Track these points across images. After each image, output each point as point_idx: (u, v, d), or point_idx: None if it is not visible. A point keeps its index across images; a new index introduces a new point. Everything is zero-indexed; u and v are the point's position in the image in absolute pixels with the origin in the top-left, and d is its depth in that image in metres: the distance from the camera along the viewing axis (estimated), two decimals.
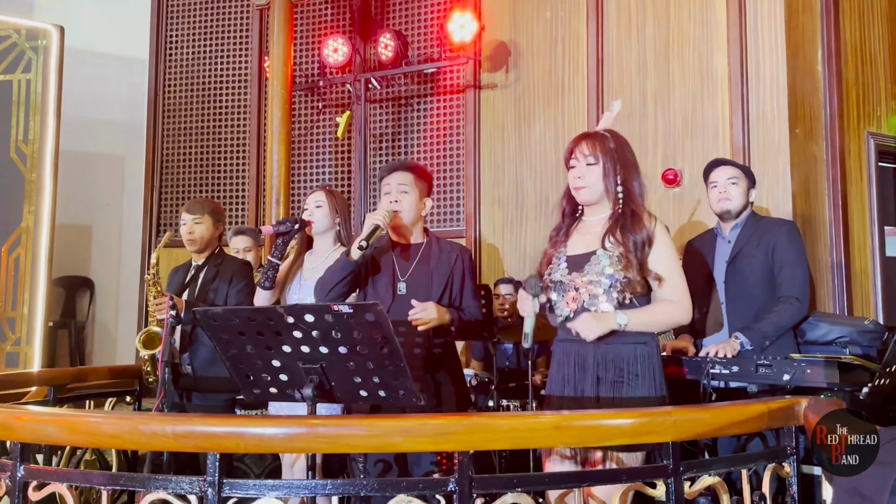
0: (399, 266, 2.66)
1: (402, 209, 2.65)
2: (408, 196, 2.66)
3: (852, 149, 4.66)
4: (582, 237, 2.37)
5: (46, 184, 5.27)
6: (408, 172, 2.71)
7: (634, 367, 2.20)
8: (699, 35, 4.73)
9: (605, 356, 2.21)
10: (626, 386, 2.19)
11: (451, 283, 2.65)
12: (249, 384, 2.16)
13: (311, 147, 5.93)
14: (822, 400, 1.97)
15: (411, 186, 2.68)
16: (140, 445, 1.84)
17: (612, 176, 2.30)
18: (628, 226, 2.25)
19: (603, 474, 1.73)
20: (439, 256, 2.67)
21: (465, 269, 2.70)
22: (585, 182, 2.32)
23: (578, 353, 2.26)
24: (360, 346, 1.95)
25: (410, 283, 2.63)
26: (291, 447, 1.78)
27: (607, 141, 2.34)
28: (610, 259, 2.23)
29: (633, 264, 2.20)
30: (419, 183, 2.71)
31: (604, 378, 2.19)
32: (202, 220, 3.42)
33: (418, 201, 2.69)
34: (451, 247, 2.73)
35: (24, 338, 5.20)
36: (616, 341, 2.22)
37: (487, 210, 5.39)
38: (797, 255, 2.96)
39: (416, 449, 1.89)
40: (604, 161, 2.31)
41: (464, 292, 2.68)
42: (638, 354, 2.22)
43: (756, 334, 2.84)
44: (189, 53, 6.30)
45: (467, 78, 5.44)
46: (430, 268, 2.65)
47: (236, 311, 2.05)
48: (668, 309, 2.26)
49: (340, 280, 2.56)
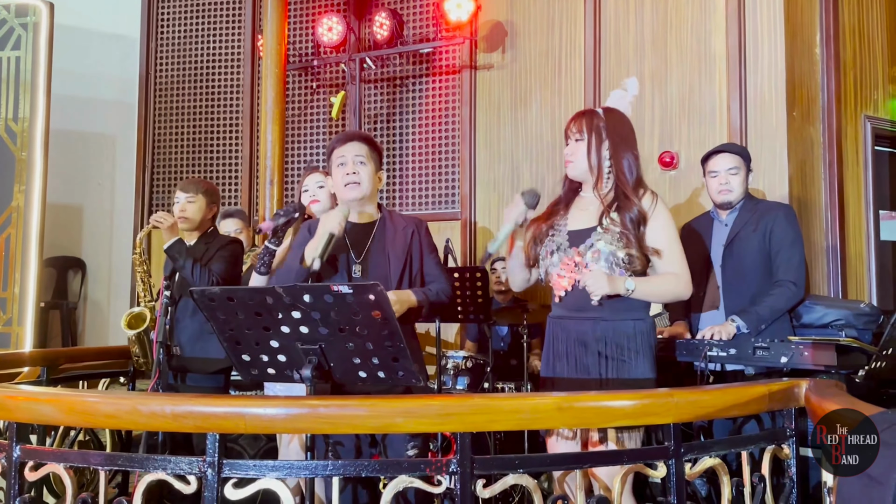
0: (353, 247, 2.51)
1: (361, 181, 2.49)
2: (365, 168, 2.51)
3: (849, 132, 4.66)
4: (581, 212, 2.38)
5: (37, 163, 5.21)
6: (363, 143, 2.56)
7: (634, 344, 2.22)
8: (697, 17, 4.70)
9: (605, 332, 2.22)
10: (628, 365, 2.20)
11: (410, 260, 2.50)
12: (247, 365, 2.14)
13: (306, 127, 5.87)
14: (823, 381, 1.97)
15: (367, 158, 2.53)
16: (138, 425, 1.82)
17: (597, 152, 2.31)
18: (623, 202, 2.26)
19: (605, 456, 1.73)
20: (395, 234, 2.52)
21: (423, 242, 2.54)
22: (572, 157, 2.37)
23: (578, 330, 2.26)
24: (360, 327, 1.93)
25: (366, 266, 2.49)
26: (292, 427, 1.76)
27: (596, 118, 2.35)
28: (610, 237, 2.23)
29: (632, 242, 2.21)
30: (374, 154, 2.57)
31: (604, 354, 2.20)
32: (195, 199, 3.39)
33: (374, 174, 2.55)
34: (405, 221, 2.58)
35: (15, 318, 5.16)
36: (617, 317, 2.23)
37: (483, 192, 5.36)
38: (794, 238, 2.96)
39: (418, 430, 1.88)
40: (588, 137, 2.31)
41: (424, 266, 2.53)
42: (637, 331, 2.23)
43: (752, 317, 2.85)
44: (181, 31, 6.22)
45: (463, 58, 5.39)
46: (385, 247, 2.50)
47: (234, 290, 2.02)
48: (671, 280, 2.27)
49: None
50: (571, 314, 2.29)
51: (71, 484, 1.65)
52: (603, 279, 2.18)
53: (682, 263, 2.28)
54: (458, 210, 5.39)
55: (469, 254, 5.33)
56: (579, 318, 2.26)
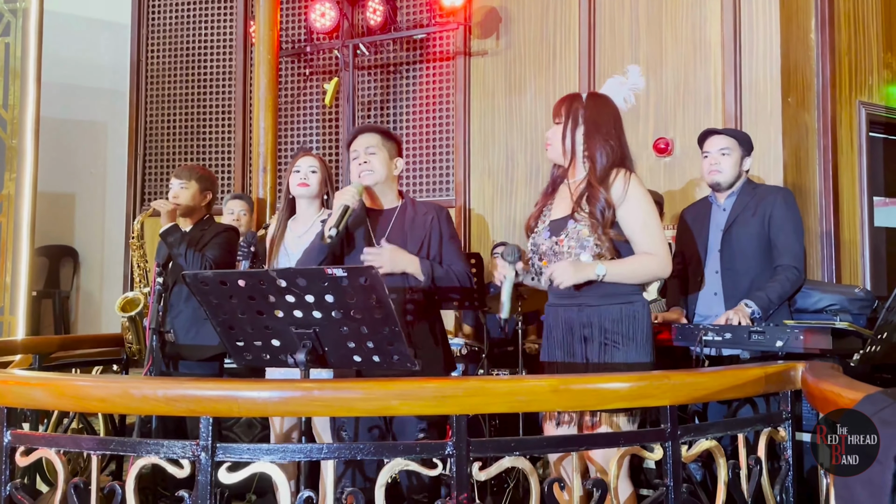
0: (375, 232, 2.58)
1: (374, 169, 2.56)
2: (376, 156, 2.58)
3: (843, 118, 4.65)
4: (562, 200, 2.38)
5: (28, 151, 5.15)
6: (374, 133, 2.63)
7: (621, 328, 2.19)
8: (692, 2, 4.68)
9: (590, 318, 2.21)
10: (615, 350, 2.19)
11: (428, 243, 2.54)
12: (240, 350, 2.13)
13: (299, 114, 5.83)
14: (820, 364, 1.97)
15: (378, 147, 2.59)
16: (130, 409, 1.81)
17: (570, 137, 2.30)
18: (593, 191, 2.24)
19: (601, 438, 1.72)
20: (414, 218, 2.58)
21: (443, 228, 2.58)
22: (551, 140, 2.36)
23: (565, 317, 2.26)
24: (355, 311, 1.92)
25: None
26: (286, 410, 1.75)
27: (576, 102, 2.33)
28: (583, 225, 2.22)
29: (600, 233, 2.20)
30: (387, 143, 2.63)
31: (591, 338, 2.19)
32: (188, 185, 3.37)
33: (389, 161, 2.61)
34: (426, 207, 2.64)
35: (7, 307, 5.12)
36: (601, 302, 2.21)
37: (477, 179, 5.34)
38: (794, 223, 2.94)
39: (414, 412, 1.87)
40: (564, 121, 2.31)
41: (443, 252, 2.56)
42: (624, 315, 2.21)
43: (763, 302, 2.83)
44: (172, 17, 6.16)
45: (457, 44, 5.36)
46: (404, 231, 2.55)
47: (227, 274, 2.01)
48: (646, 260, 2.23)
49: (319, 263, 2.46)
50: (561, 301, 2.29)
51: (63, 469, 1.63)
52: (568, 270, 2.16)
53: (658, 243, 2.23)
54: (453, 197, 5.37)
55: (464, 240, 5.31)
56: (567, 304, 2.26)
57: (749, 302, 2.84)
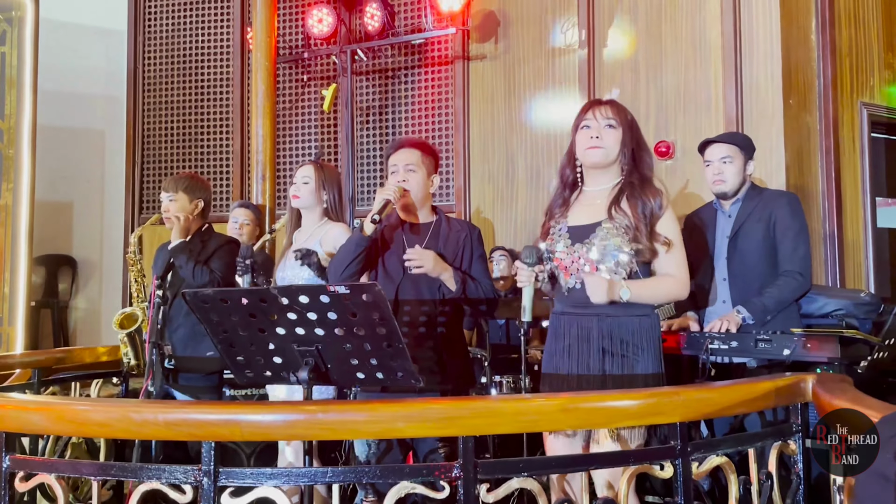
0: (409, 244, 2.60)
1: (411, 188, 2.58)
2: (415, 175, 2.60)
3: (845, 119, 4.63)
4: (584, 208, 2.33)
5: (25, 160, 5.12)
6: (414, 150, 2.64)
7: (638, 340, 2.18)
8: (692, 4, 4.65)
9: (609, 328, 2.19)
10: (633, 361, 2.17)
11: (461, 260, 2.59)
12: (241, 367, 2.10)
13: (297, 121, 5.80)
14: (830, 376, 1.94)
15: (418, 165, 2.61)
16: (131, 434, 1.77)
17: (628, 143, 2.27)
18: (637, 192, 2.22)
19: (610, 457, 1.69)
20: (448, 234, 2.62)
21: (474, 247, 2.64)
22: (603, 143, 2.28)
23: (581, 325, 2.23)
24: (357, 328, 1.88)
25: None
26: (290, 434, 1.72)
27: (626, 111, 2.32)
28: (617, 231, 2.19)
29: (642, 232, 2.17)
30: (426, 160, 2.64)
31: (609, 350, 2.16)
32: (176, 197, 3.31)
33: (426, 179, 2.63)
34: (460, 225, 2.69)
35: (5, 318, 5.09)
36: (621, 313, 2.19)
37: (477, 184, 5.31)
38: (799, 228, 2.91)
39: (420, 434, 1.84)
40: (623, 127, 2.28)
41: (472, 271, 2.62)
42: (641, 327, 2.20)
43: (756, 308, 2.81)
44: (168, 24, 6.13)
45: (456, 49, 5.33)
46: (439, 246, 2.59)
47: (228, 292, 1.97)
48: (668, 283, 2.24)
49: (355, 258, 2.49)
50: (575, 310, 2.25)
51: (62, 494, 1.60)
52: (602, 288, 2.14)
53: (682, 265, 2.25)
54: (453, 203, 5.34)
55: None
56: (583, 314, 2.22)
57: (741, 308, 2.82)
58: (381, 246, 2.61)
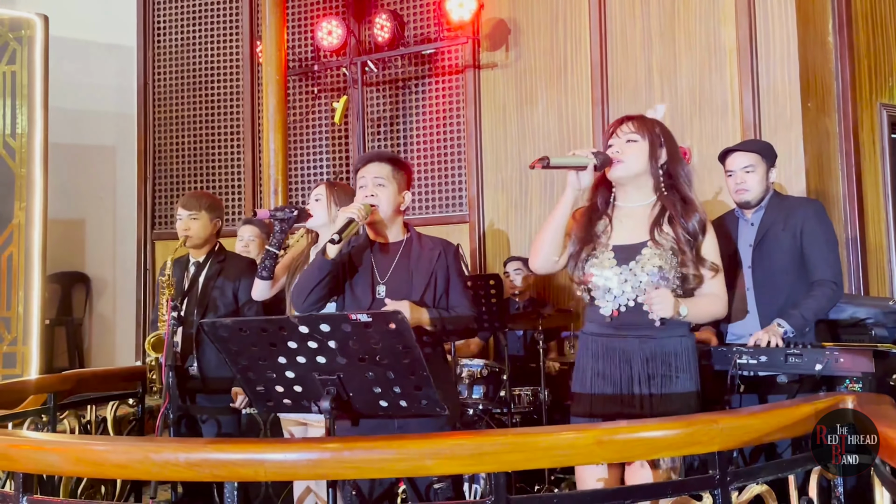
0: (378, 267, 2.44)
1: (380, 203, 2.41)
2: (384, 189, 2.42)
3: (865, 121, 4.55)
4: (624, 225, 2.25)
5: (37, 178, 5.11)
6: (385, 164, 2.47)
7: (681, 362, 2.15)
8: (706, 7, 4.59)
9: (653, 351, 2.14)
10: (675, 382, 2.14)
11: (435, 282, 2.42)
12: (262, 396, 2.05)
13: (308, 133, 5.77)
14: (869, 396, 1.87)
15: (388, 179, 2.44)
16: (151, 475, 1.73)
17: (655, 157, 2.20)
18: (678, 213, 2.15)
19: (647, 490, 1.63)
20: (420, 254, 2.45)
21: (450, 265, 2.46)
22: (623, 157, 2.22)
23: (623, 349, 2.17)
24: (380, 356, 1.84)
25: (391, 285, 2.40)
26: (315, 474, 1.66)
27: (655, 123, 2.25)
28: (661, 251, 2.13)
29: (689, 256, 2.11)
30: (397, 174, 2.47)
31: (652, 373, 2.13)
32: (198, 216, 3.28)
33: (396, 195, 2.45)
34: (433, 243, 2.50)
35: (20, 337, 5.08)
36: (662, 335, 2.15)
37: (491, 194, 5.26)
38: (828, 236, 2.84)
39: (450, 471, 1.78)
40: (648, 139, 2.21)
41: (450, 291, 2.44)
42: (682, 348, 2.17)
43: (797, 321, 2.73)
44: (178, 39, 6.12)
45: (466, 58, 5.28)
46: (410, 266, 2.43)
47: (246, 322, 1.93)
48: (715, 303, 2.21)
49: (318, 282, 2.33)
50: (617, 332, 2.19)
51: None
52: (669, 301, 2.08)
53: (723, 285, 2.22)
54: (466, 213, 5.29)
55: (479, 257, 5.23)
56: (625, 336, 2.17)
57: (782, 321, 2.74)
58: (348, 270, 2.44)
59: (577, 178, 2.20)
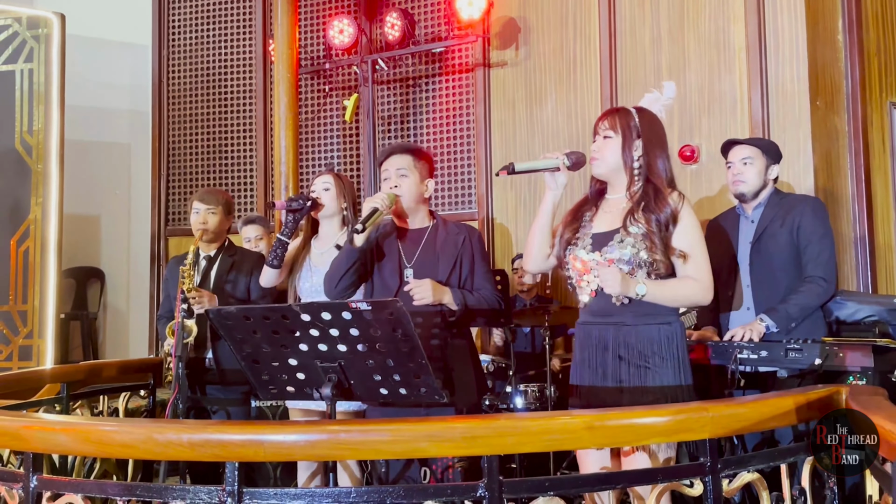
0: (405, 252, 2.56)
1: (403, 193, 2.54)
2: (407, 179, 2.56)
3: (874, 120, 4.53)
4: (606, 215, 2.31)
5: (53, 174, 5.19)
6: (406, 155, 2.61)
7: (659, 350, 2.14)
8: (715, 5, 4.59)
9: (626, 338, 2.15)
10: (651, 372, 2.13)
11: (460, 265, 2.54)
12: (265, 384, 2.10)
13: (319, 131, 5.83)
14: (863, 388, 1.89)
15: (410, 169, 2.57)
16: (154, 455, 1.78)
17: (629, 150, 2.23)
18: (651, 204, 2.18)
19: (638, 475, 1.66)
20: (445, 238, 2.56)
21: (475, 250, 2.58)
22: (598, 154, 2.28)
23: (600, 335, 2.20)
24: (380, 344, 1.88)
25: (417, 269, 2.53)
26: (313, 454, 1.71)
27: (629, 116, 2.27)
28: (633, 239, 2.15)
29: (657, 245, 2.13)
30: (418, 164, 2.60)
31: (625, 359, 2.13)
32: (216, 210, 3.36)
33: (419, 183, 2.59)
34: (458, 228, 2.63)
35: (36, 330, 5.16)
36: (639, 322, 2.15)
37: (499, 191, 5.29)
38: (823, 232, 2.85)
39: (443, 454, 1.82)
40: (622, 135, 2.24)
41: (475, 274, 2.56)
42: (662, 336, 2.15)
43: (781, 315, 2.75)
44: (192, 38, 6.20)
45: (476, 56, 5.32)
46: (436, 251, 2.54)
47: (250, 309, 1.98)
48: (688, 285, 2.18)
49: (347, 270, 2.46)
50: (595, 319, 2.23)
51: None
52: (616, 277, 2.11)
53: (704, 269, 2.20)
54: (475, 210, 5.33)
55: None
56: (602, 323, 2.20)
57: (764, 317, 2.76)
58: (376, 256, 2.56)
59: (553, 178, 2.28)
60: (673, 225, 2.17)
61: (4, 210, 5.15)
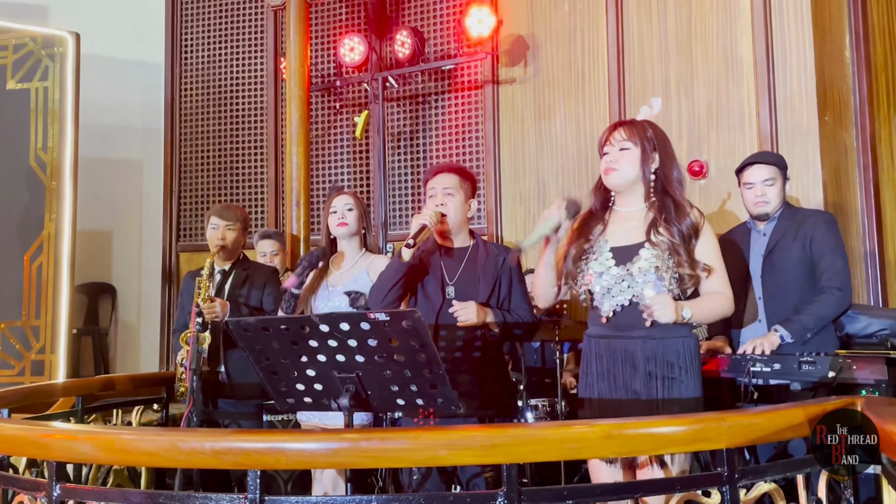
0: (447, 269, 2.63)
1: (448, 212, 2.60)
2: (453, 199, 2.62)
3: (883, 135, 4.55)
4: (621, 227, 2.31)
5: (67, 191, 5.25)
6: (453, 174, 2.67)
7: (683, 362, 2.17)
8: (722, 21, 4.64)
9: (654, 352, 2.17)
10: (677, 383, 2.16)
11: (499, 285, 2.60)
12: (283, 394, 2.12)
13: (330, 148, 5.88)
14: (878, 399, 1.90)
15: (456, 189, 2.63)
16: (178, 462, 1.80)
17: (648, 162, 2.25)
18: (671, 217, 2.20)
19: (657, 484, 1.67)
20: (486, 259, 2.62)
21: (513, 271, 2.64)
22: (616, 165, 2.28)
23: (626, 350, 2.20)
24: (398, 355, 1.90)
25: (459, 287, 2.60)
26: (334, 462, 1.73)
27: (645, 128, 2.29)
28: (659, 252, 2.17)
29: (683, 258, 2.15)
30: (464, 184, 2.67)
31: (654, 374, 2.14)
32: (234, 227, 3.41)
33: (464, 203, 2.65)
34: (498, 249, 2.70)
35: (48, 346, 5.20)
36: (664, 335, 2.17)
37: (508, 206, 5.32)
38: (836, 245, 2.87)
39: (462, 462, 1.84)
40: (640, 146, 2.26)
41: (512, 295, 2.63)
42: (685, 348, 2.19)
43: (797, 326, 2.76)
44: (204, 56, 6.27)
45: (485, 73, 5.37)
46: (477, 270, 2.60)
47: (269, 321, 2.00)
48: (719, 301, 2.23)
49: (395, 283, 2.52)
50: (618, 333, 2.23)
51: None
52: (670, 305, 2.13)
53: (726, 282, 2.25)
54: (485, 225, 5.35)
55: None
56: (627, 336, 2.21)
57: (779, 327, 2.77)
58: (419, 272, 2.62)
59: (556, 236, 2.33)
60: (696, 238, 2.19)
61: (18, 226, 5.21)
